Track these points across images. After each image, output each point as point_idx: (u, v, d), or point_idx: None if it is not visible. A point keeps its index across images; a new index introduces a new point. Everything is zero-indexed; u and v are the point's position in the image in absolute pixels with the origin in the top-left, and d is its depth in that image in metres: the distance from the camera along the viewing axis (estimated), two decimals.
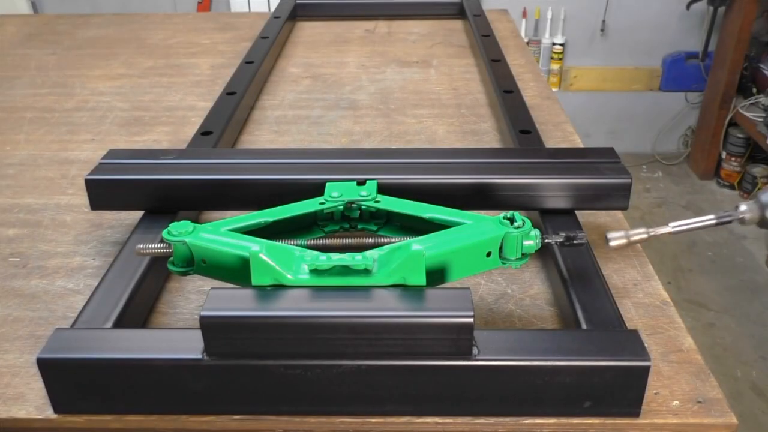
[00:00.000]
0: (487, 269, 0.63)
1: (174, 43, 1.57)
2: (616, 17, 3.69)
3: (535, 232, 0.63)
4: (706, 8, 3.49)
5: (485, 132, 1.11)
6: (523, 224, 0.62)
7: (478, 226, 0.63)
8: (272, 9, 1.73)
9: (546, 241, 0.64)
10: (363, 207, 0.69)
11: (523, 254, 0.63)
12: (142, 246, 0.63)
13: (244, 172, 0.78)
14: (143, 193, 0.78)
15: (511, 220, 0.63)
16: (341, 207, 0.69)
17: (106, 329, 0.61)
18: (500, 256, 0.63)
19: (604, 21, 3.72)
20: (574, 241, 0.64)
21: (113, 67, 1.43)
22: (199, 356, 0.54)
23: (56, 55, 1.51)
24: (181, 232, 0.62)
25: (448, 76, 1.35)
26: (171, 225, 0.63)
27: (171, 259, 0.63)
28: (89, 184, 0.77)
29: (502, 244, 0.62)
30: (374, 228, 0.70)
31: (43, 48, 1.55)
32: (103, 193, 0.78)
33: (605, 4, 3.68)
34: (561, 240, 0.65)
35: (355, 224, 0.70)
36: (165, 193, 0.77)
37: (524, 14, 3.76)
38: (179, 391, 0.56)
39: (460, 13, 1.70)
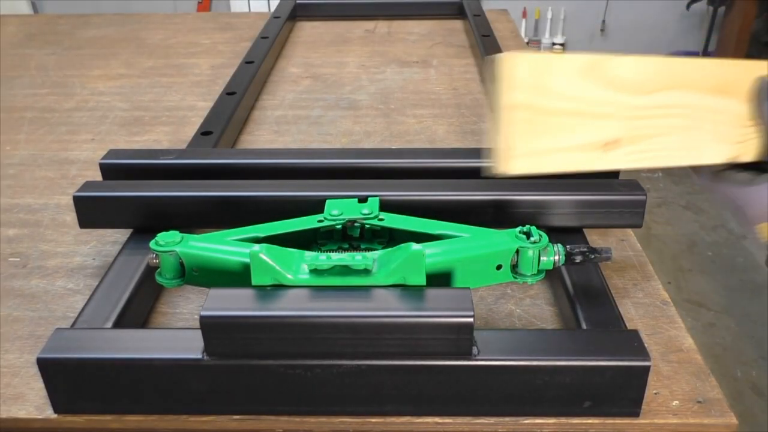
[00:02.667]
0: (497, 282, 0.61)
1: (174, 43, 1.57)
2: (616, 17, 3.70)
3: (558, 247, 0.61)
4: (706, 8, 3.50)
5: (485, 132, 1.10)
6: (540, 239, 0.61)
7: (488, 238, 0.61)
8: (272, 9, 1.73)
9: (576, 261, 0.62)
10: (366, 226, 0.66)
11: (539, 270, 0.61)
12: (154, 255, 0.62)
13: (239, 189, 0.75)
14: (134, 212, 0.75)
15: (528, 234, 0.61)
16: (339, 226, 0.66)
17: (106, 329, 0.61)
18: (515, 271, 0.61)
19: (604, 21, 3.72)
20: (600, 255, 0.63)
21: (113, 67, 1.43)
22: (199, 356, 0.54)
23: (56, 55, 1.51)
24: (169, 242, 0.61)
25: (448, 76, 1.35)
26: (158, 235, 0.61)
27: (158, 270, 0.62)
28: (77, 201, 0.74)
29: (517, 258, 0.61)
30: (378, 248, 0.65)
31: (43, 48, 1.55)
32: (93, 211, 0.75)
33: (605, 4, 3.68)
34: (585, 254, 0.62)
35: (357, 244, 0.66)
36: (157, 211, 0.74)
37: (524, 14, 3.77)
38: (179, 391, 0.56)
39: (460, 13, 1.70)
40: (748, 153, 0.58)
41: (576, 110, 0.50)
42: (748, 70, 0.56)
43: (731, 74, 0.56)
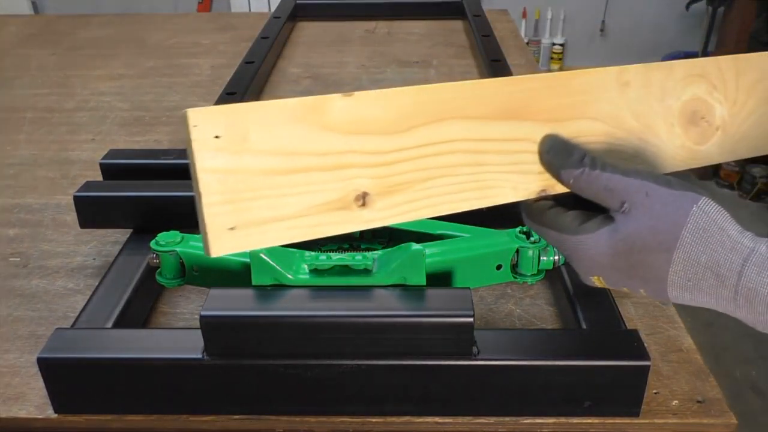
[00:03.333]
0: (497, 282, 0.62)
1: (174, 44, 1.57)
2: (616, 17, 3.70)
3: None
4: (705, 8, 3.50)
5: None
6: (540, 239, 0.61)
7: (488, 238, 0.61)
8: (272, 9, 1.73)
9: None
10: None
11: (539, 270, 0.61)
12: (155, 255, 0.63)
13: None
14: (135, 212, 0.75)
15: (528, 234, 0.61)
16: None
17: (106, 329, 0.61)
18: (515, 271, 0.61)
19: (603, 21, 3.72)
20: None
21: (114, 67, 1.43)
22: (199, 356, 0.54)
23: (57, 55, 1.51)
24: (169, 242, 0.61)
25: (448, 76, 1.35)
26: (159, 235, 0.61)
27: (159, 270, 0.62)
28: (78, 201, 0.74)
29: (517, 258, 0.61)
30: (378, 248, 0.65)
31: (43, 48, 1.55)
32: (93, 211, 0.75)
33: (605, 4, 3.68)
34: None
35: (357, 244, 0.66)
36: (158, 211, 0.74)
37: (524, 14, 3.77)
38: (179, 391, 0.56)
39: (460, 13, 1.70)
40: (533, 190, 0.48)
41: (300, 166, 0.40)
42: (541, 87, 0.47)
43: (520, 93, 0.46)
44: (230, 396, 0.56)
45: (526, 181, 0.47)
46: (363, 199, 0.42)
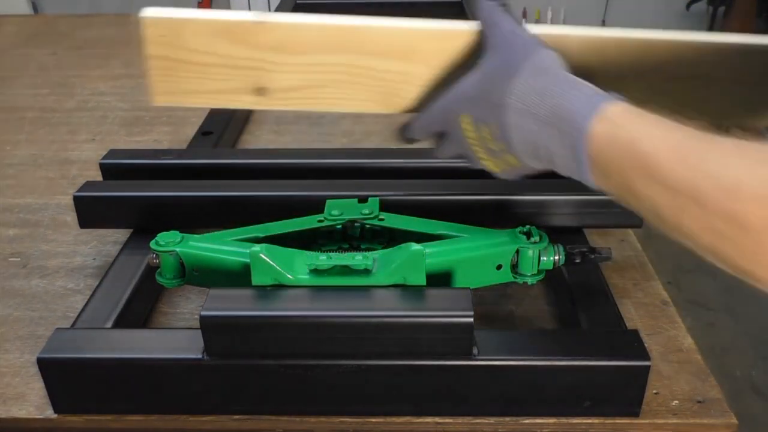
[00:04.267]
0: (498, 282, 0.61)
1: None
2: (616, 17, 3.70)
3: (558, 247, 0.61)
4: (706, 8, 3.50)
5: None
6: (540, 239, 0.60)
7: (488, 238, 0.61)
8: (272, 9, 1.73)
9: (576, 261, 0.62)
10: (366, 226, 0.66)
11: (539, 270, 0.61)
12: (154, 255, 0.62)
13: (239, 189, 0.75)
14: (135, 212, 0.75)
15: (528, 234, 0.61)
16: (339, 226, 0.66)
17: (106, 329, 0.61)
18: (515, 271, 0.61)
19: (604, 21, 3.72)
20: (600, 255, 0.62)
21: (113, 67, 1.43)
22: (200, 356, 0.54)
23: (57, 55, 1.51)
24: (169, 242, 0.61)
25: None
26: (158, 235, 0.61)
27: (159, 270, 0.62)
28: (78, 201, 0.74)
29: (517, 258, 0.61)
30: (378, 248, 0.64)
31: (43, 48, 1.55)
32: (93, 211, 0.75)
33: (605, 4, 3.68)
34: (585, 254, 0.62)
35: (357, 244, 0.66)
36: (158, 211, 0.74)
37: (524, 14, 3.77)
38: (179, 391, 0.56)
39: (460, 13, 1.70)
40: (401, 107, 0.59)
41: (217, 62, 0.55)
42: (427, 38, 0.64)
43: (408, 38, 0.62)
44: (230, 396, 0.56)
45: (391, 102, 0.58)
46: (261, 90, 0.56)
